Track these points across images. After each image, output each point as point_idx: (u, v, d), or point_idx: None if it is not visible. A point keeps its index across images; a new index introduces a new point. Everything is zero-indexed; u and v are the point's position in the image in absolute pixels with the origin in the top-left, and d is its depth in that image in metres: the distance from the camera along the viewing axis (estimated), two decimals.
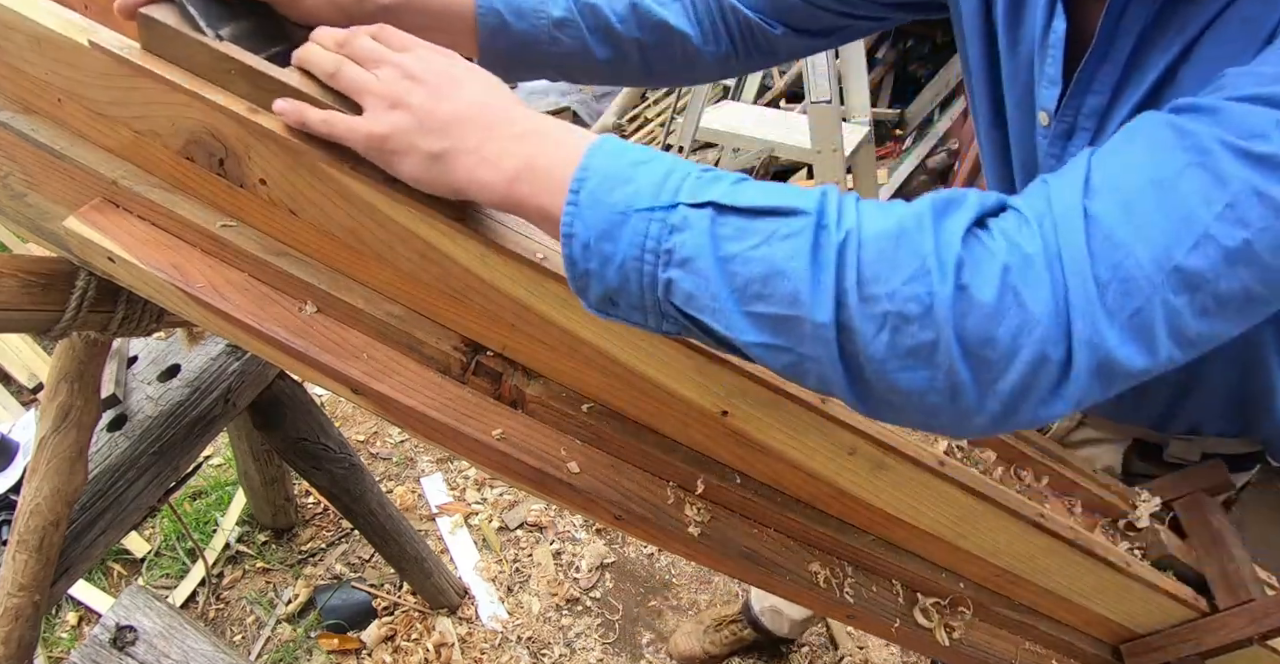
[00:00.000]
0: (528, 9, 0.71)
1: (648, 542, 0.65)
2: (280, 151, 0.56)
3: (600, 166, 0.44)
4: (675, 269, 0.42)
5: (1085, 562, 0.72)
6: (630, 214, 0.42)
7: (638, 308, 0.45)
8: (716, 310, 0.42)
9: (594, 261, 0.44)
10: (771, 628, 1.69)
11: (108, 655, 0.88)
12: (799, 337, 0.41)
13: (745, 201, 0.42)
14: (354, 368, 0.59)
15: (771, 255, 0.41)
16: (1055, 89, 0.65)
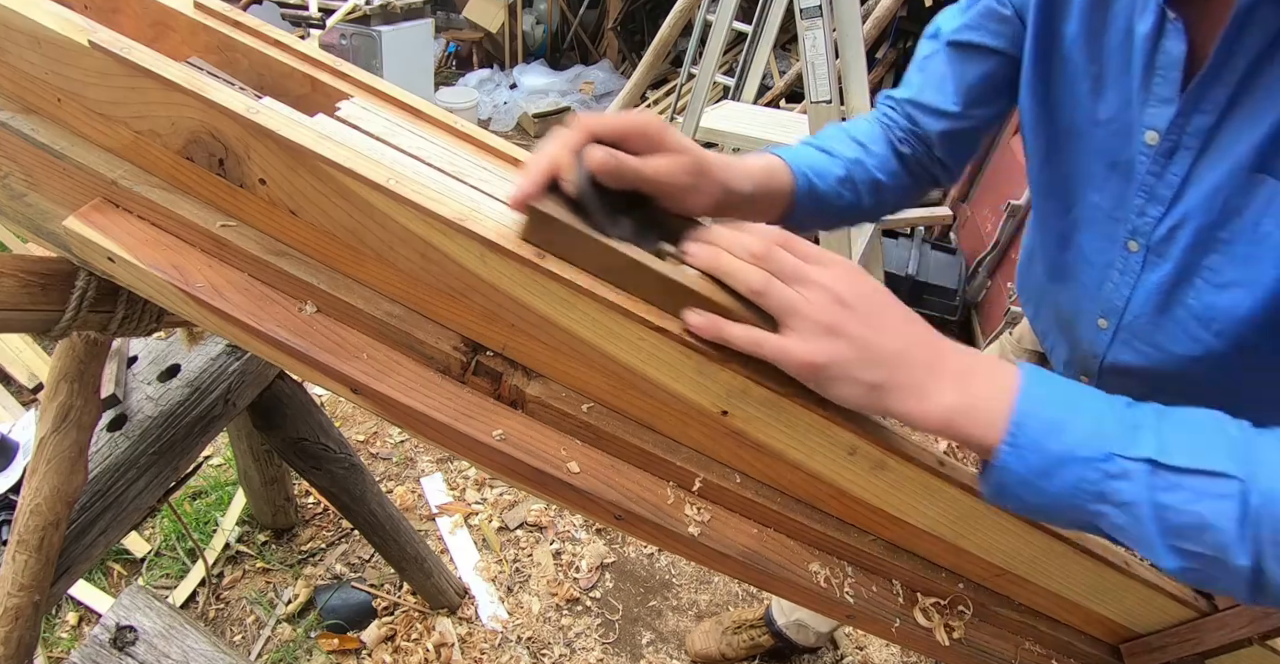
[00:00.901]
0: (822, 170, 0.84)
1: (648, 542, 0.65)
2: (280, 151, 0.56)
3: (1035, 413, 0.50)
4: (1109, 507, 0.49)
5: (1085, 562, 0.72)
6: (1069, 461, 0.49)
7: (1056, 521, 0.55)
8: (1143, 542, 0.50)
9: (1025, 491, 0.51)
10: (797, 641, 1.71)
11: (108, 655, 0.88)
12: (1216, 570, 0.49)
13: (1179, 461, 0.48)
14: (354, 368, 0.59)
15: (1202, 512, 0.48)
16: (1170, 108, 0.66)
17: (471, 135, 0.72)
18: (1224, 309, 0.70)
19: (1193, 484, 0.48)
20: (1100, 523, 0.51)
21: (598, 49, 5.81)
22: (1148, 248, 0.74)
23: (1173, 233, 0.71)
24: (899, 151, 0.92)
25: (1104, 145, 0.75)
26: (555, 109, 4.92)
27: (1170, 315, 0.75)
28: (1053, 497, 0.50)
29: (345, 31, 4.10)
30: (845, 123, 0.95)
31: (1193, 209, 0.68)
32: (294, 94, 0.70)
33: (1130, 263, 0.77)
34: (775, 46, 3.29)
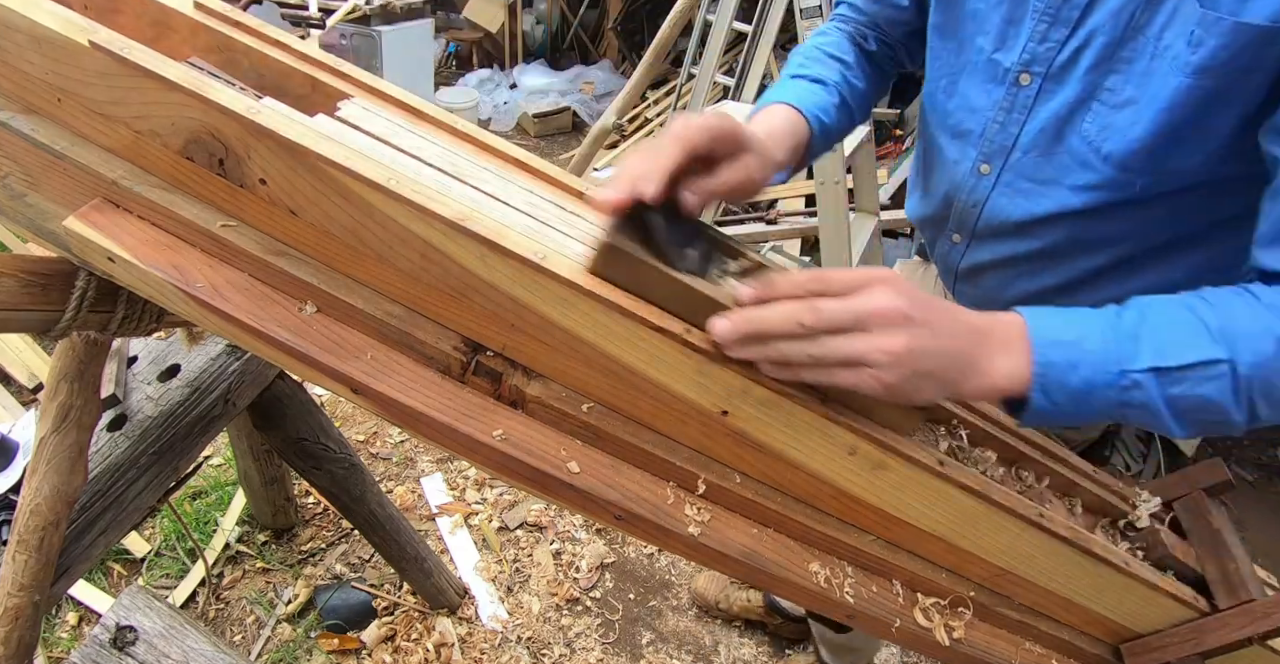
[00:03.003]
0: (826, 105, 0.87)
1: (648, 542, 0.64)
2: (280, 151, 0.56)
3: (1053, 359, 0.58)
4: (1130, 409, 0.59)
5: (1085, 562, 0.72)
6: (1093, 390, 0.58)
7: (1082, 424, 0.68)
8: (1157, 422, 0.60)
9: (1059, 419, 0.61)
10: (790, 609, 1.73)
11: (108, 655, 0.88)
12: (1219, 427, 0.61)
13: (1176, 361, 0.58)
14: (354, 368, 0.59)
15: (1205, 392, 0.58)
16: None
17: (471, 135, 0.72)
18: (1119, 128, 0.72)
19: (1193, 376, 0.58)
20: (1121, 418, 0.61)
21: (598, 49, 5.81)
22: (1045, 76, 0.75)
23: (1077, 54, 0.72)
24: (865, 51, 0.95)
25: None
26: (555, 109, 4.92)
27: (1064, 145, 0.77)
28: (1082, 417, 0.60)
29: (345, 31, 4.10)
30: (812, 40, 0.97)
31: (1099, 26, 0.70)
32: (294, 94, 0.70)
33: (1021, 98, 0.78)
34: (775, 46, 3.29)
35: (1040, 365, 0.58)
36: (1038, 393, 0.58)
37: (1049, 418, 0.60)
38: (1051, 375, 0.58)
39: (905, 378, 0.53)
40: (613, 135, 3.84)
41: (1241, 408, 0.58)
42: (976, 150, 0.84)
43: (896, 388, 0.54)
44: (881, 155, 3.82)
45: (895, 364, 0.53)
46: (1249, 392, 0.58)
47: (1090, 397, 0.58)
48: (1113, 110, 0.71)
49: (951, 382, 0.57)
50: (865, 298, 0.53)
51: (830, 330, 0.53)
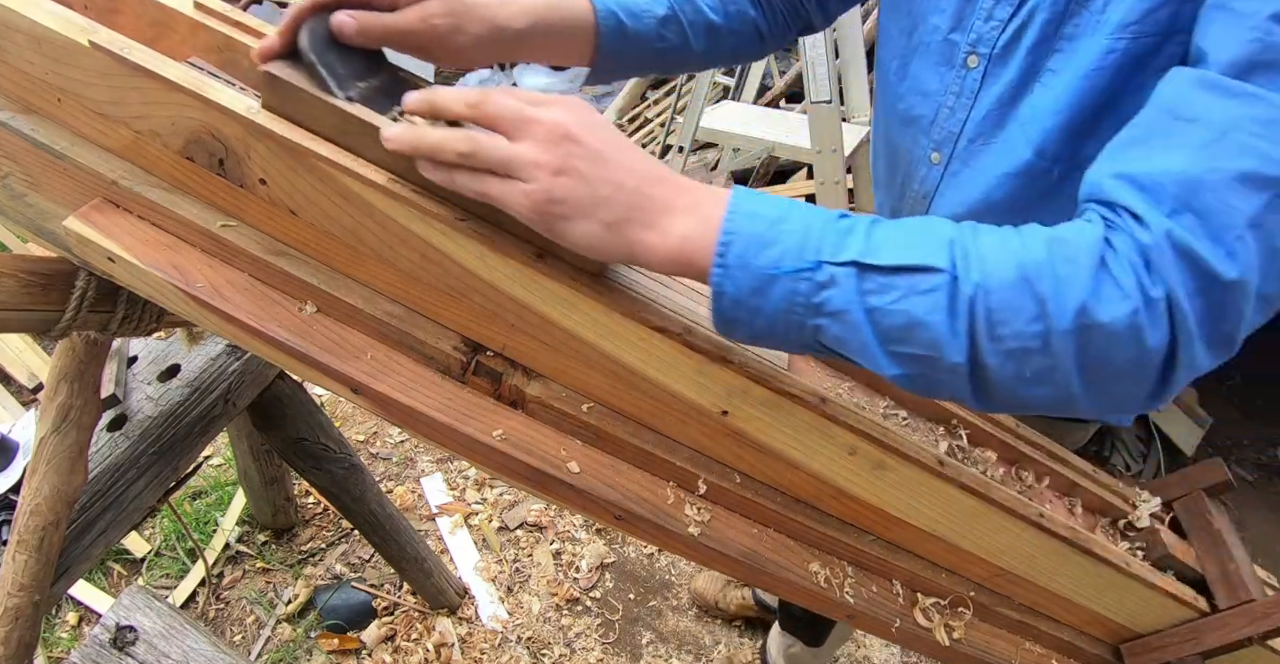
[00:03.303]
0: (639, 9, 0.75)
1: (648, 542, 0.65)
2: (280, 151, 0.56)
3: (743, 230, 0.48)
4: (825, 318, 0.48)
5: (1085, 562, 0.72)
6: (779, 276, 0.47)
7: (783, 343, 0.51)
8: (863, 351, 0.48)
9: (743, 312, 0.49)
10: (770, 604, 1.74)
11: (108, 655, 0.88)
12: (937, 371, 0.48)
13: (885, 260, 0.46)
14: (354, 368, 0.59)
15: (911, 309, 0.46)
16: None
17: None
18: (1044, 107, 0.67)
19: (900, 282, 0.46)
20: (822, 339, 0.49)
21: None
22: (989, 58, 0.71)
23: (1019, 33, 0.68)
24: None
25: None
26: None
27: (1003, 132, 0.72)
28: (770, 316, 0.48)
29: None
30: None
31: (1041, 3, 0.66)
32: None
33: (969, 82, 0.73)
34: None
35: (727, 234, 0.48)
36: (717, 268, 0.48)
37: (732, 312, 0.49)
38: (736, 247, 0.47)
39: (555, 201, 0.48)
40: None
41: (959, 340, 0.46)
42: (927, 138, 0.79)
43: (544, 211, 0.48)
44: None
45: (546, 181, 0.47)
46: (970, 319, 0.46)
47: (775, 287, 0.47)
48: (1047, 91, 0.67)
49: (614, 225, 0.49)
50: (537, 107, 0.49)
51: (490, 124, 0.49)
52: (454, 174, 0.50)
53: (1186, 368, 0.46)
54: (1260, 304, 0.46)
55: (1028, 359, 0.46)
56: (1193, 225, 0.44)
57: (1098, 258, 0.45)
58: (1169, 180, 0.46)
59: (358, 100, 0.54)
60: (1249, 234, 0.44)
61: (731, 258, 0.47)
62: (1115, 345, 0.44)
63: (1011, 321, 0.45)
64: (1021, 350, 0.45)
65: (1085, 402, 0.48)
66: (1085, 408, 0.49)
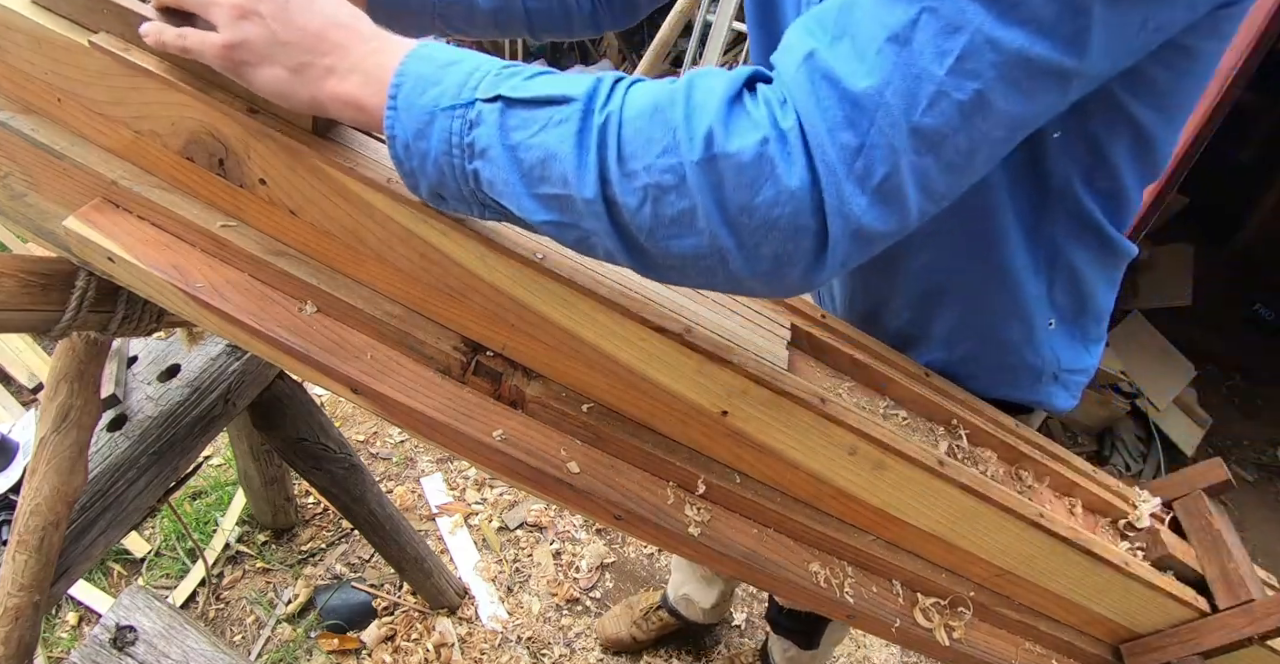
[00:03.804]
0: None
1: (648, 542, 0.64)
2: (280, 151, 0.56)
3: (414, 70, 0.47)
4: (478, 160, 0.46)
5: (1085, 562, 0.72)
6: (436, 113, 0.46)
7: (460, 199, 0.49)
8: (510, 194, 0.46)
9: (414, 160, 0.48)
10: (688, 616, 1.71)
11: (108, 655, 0.88)
12: (577, 213, 0.45)
13: (528, 93, 0.45)
14: (354, 368, 0.59)
15: (546, 141, 0.44)
16: None
17: None
18: None
19: (539, 115, 0.45)
20: (481, 186, 0.47)
21: (598, 49, 5.81)
22: None
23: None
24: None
25: None
26: None
27: None
28: (435, 161, 0.47)
29: None
30: None
31: None
32: None
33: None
34: None
35: (400, 75, 0.47)
36: (389, 111, 0.47)
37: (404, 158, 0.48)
38: (406, 87, 0.47)
39: (238, 45, 0.48)
40: None
41: (587, 172, 0.43)
42: None
43: (230, 57, 0.48)
44: None
45: (231, 27, 0.48)
46: (600, 150, 0.43)
47: (433, 127, 0.46)
48: None
49: (302, 71, 0.49)
50: None
51: None
52: (163, 33, 0.50)
53: (841, 218, 0.41)
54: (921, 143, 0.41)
55: (664, 198, 0.42)
56: (842, 50, 0.41)
57: (733, 92, 0.43)
58: (824, 12, 0.44)
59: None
60: (888, 47, 0.40)
61: (401, 99, 0.47)
62: (750, 181, 0.41)
63: (642, 154, 0.42)
64: (656, 187, 0.42)
65: (741, 260, 0.43)
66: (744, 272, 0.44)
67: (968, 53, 0.40)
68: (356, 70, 0.49)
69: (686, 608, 1.69)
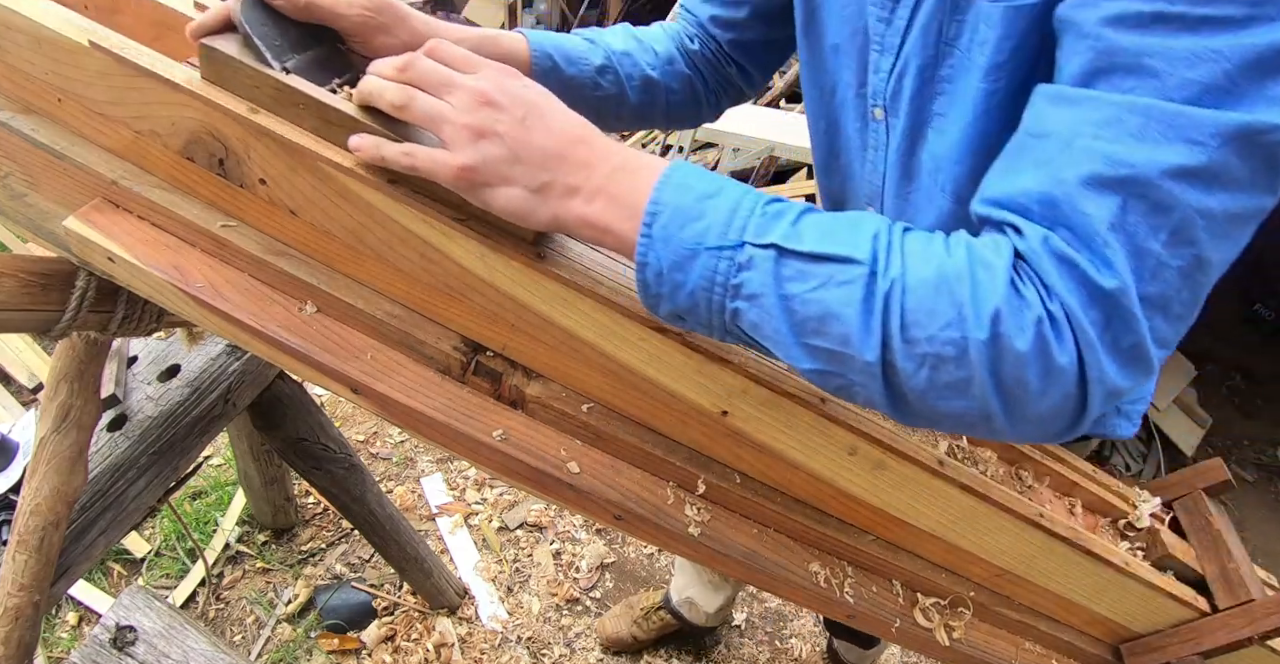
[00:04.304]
0: (575, 55, 0.76)
1: (648, 542, 0.65)
2: (280, 151, 0.56)
3: (671, 201, 0.47)
4: (742, 301, 0.47)
5: (1085, 562, 0.72)
6: (700, 251, 0.47)
7: (704, 325, 0.50)
8: (777, 340, 0.47)
9: (665, 287, 0.48)
10: (690, 618, 1.70)
11: (108, 655, 0.88)
12: (848, 368, 0.47)
13: (805, 246, 0.46)
14: (354, 368, 0.59)
15: (826, 299, 0.45)
16: None
17: None
18: (944, 155, 0.66)
19: (818, 271, 0.45)
20: (740, 324, 0.48)
21: None
22: (887, 109, 0.69)
23: (900, 83, 0.66)
24: (686, 48, 0.86)
25: (848, 10, 0.70)
26: None
27: (915, 182, 0.71)
28: (691, 293, 0.48)
29: None
30: None
31: (913, 49, 0.64)
32: None
33: (879, 135, 0.72)
34: None
35: (655, 203, 0.47)
36: (643, 238, 0.47)
37: (655, 286, 0.49)
38: (663, 218, 0.47)
39: (477, 167, 0.48)
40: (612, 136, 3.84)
41: (871, 338, 0.45)
42: (861, 194, 0.79)
43: (468, 178, 0.48)
44: None
45: (469, 148, 0.48)
46: (884, 316, 0.44)
47: (696, 263, 0.47)
48: (942, 136, 0.65)
49: (543, 191, 0.49)
50: (469, 74, 0.50)
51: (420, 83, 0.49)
52: (382, 147, 0.50)
53: (1099, 385, 0.45)
54: (1150, 309, 0.45)
55: (943, 366, 0.44)
56: (1067, 238, 0.44)
57: (1011, 272, 0.45)
58: (1031, 200, 0.46)
59: (294, 71, 0.54)
60: (1112, 238, 0.43)
61: (657, 228, 0.47)
62: (1028, 360, 0.43)
63: (927, 324, 0.44)
64: (936, 356, 0.44)
65: (1006, 422, 0.46)
66: (1008, 430, 0.47)
67: (1180, 226, 0.43)
68: (602, 192, 0.49)
69: (689, 611, 1.69)
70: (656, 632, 1.77)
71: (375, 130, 0.52)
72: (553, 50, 0.74)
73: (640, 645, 1.79)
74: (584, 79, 0.77)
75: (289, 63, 0.55)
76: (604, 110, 0.82)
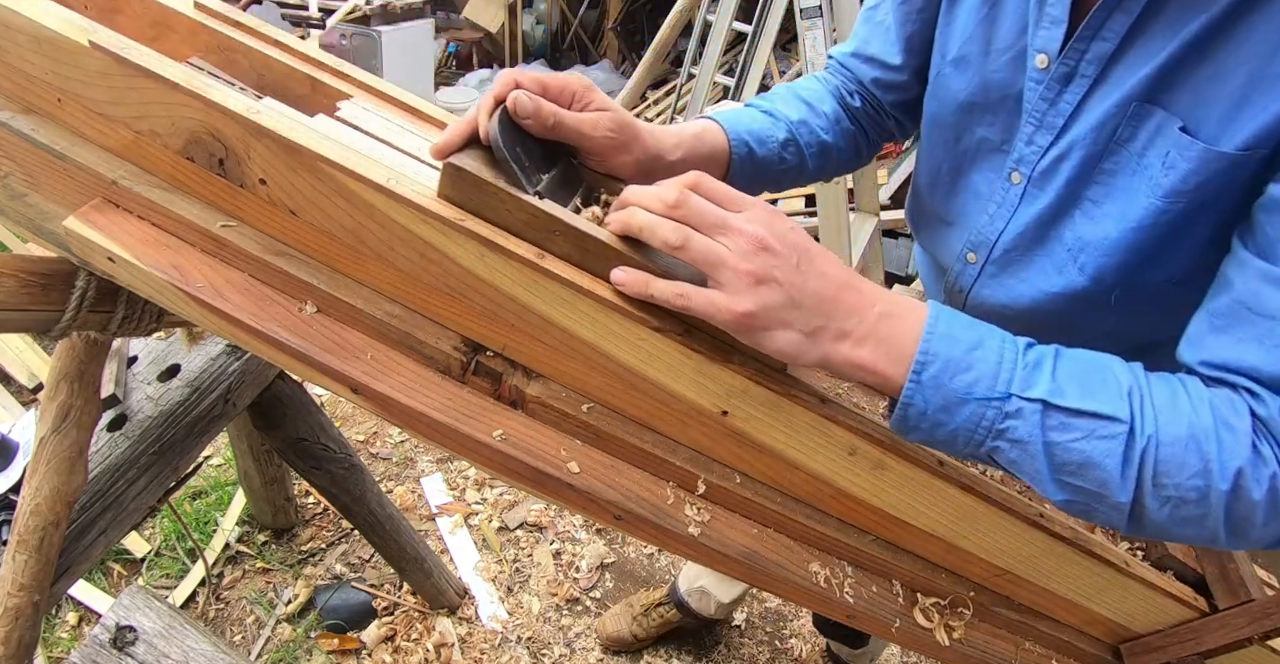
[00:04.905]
0: (764, 135, 0.81)
1: (648, 542, 0.65)
2: (281, 151, 0.56)
3: (941, 352, 0.52)
4: (1004, 442, 0.53)
5: (1085, 562, 0.72)
6: (970, 400, 0.52)
7: (953, 452, 0.56)
8: (1034, 476, 0.54)
9: (926, 424, 0.54)
10: (698, 609, 1.70)
11: (108, 655, 0.88)
12: (1100, 503, 0.54)
13: (1070, 402, 0.52)
14: (354, 368, 0.59)
15: (1089, 450, 0.52)
16: (1059, 29, 0.66)
17: None
18: (1093, 241, 0.69)
19: (1081, 425, 0.51)
20: (996, 457, 0.54)
21: (598, 49, 5.81)
22: (1029, 179, 0.73)
23: (1058, 163, 0.70)
24: (848, 106, 0.90)
25: (997, 75, 0.73)
26: None
27: (1044, 249, 0.75)
28: (952, 432, 0.53)
29: (345, 31, 4.10)
30: (795, 82, 0.92)
31: (1080, 138, 0.67)
32: (294, 94, 0.70)
33: (1010, 196, 0.76)
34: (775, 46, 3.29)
35: (924, 354, 0.52)
36: (911, 384, 0.52)
37: (915, 421, 0.54)
38: (932, 368, 0.52)
39: (756, 313, 0.50)
40: None
41: (1127, 485, 0.51)
42: (965, 238, 0.82)
43: (747, 323, 0.50)
44: (881, 155, 3.82)
45: (748, 292, 0.50)
46: (1140, 468, 0.51)
47: (963, 409, 0.52)
48: (1091, 222, 0.69)
49: (815, 335, 0.52)
50: (739, 214, 0.52)
51: (693, 222, 0.51)
52: (651, 285, 0.53)
53: None
54: None
55: (1184, 506, 0.52)
56: None
57: (1252, 434, 0.51)
58: (1263, 375, 0.52)
59: (544, 194, 0.55)
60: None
61: (926, 377, 0.52)
62: (1260, 507, 0.50)
63: (1176, 475, 0.51)
64: (1180, 499, 0.51)
65: (1227, 543, 0.53)
66: (1227, 547, 0.55)
67: None
68: (871, 337, 0.53)
69: (699, 601, 1.69)
70: (657, 629, 1.77)
71: (638, 263, 0.54)
72: (746, 136, 0.79)
73: (640, 644, 1.79)
74: (772, 157, 0.82)
75: (539, 186, 0.55)
76: (784, 181, 0.87)
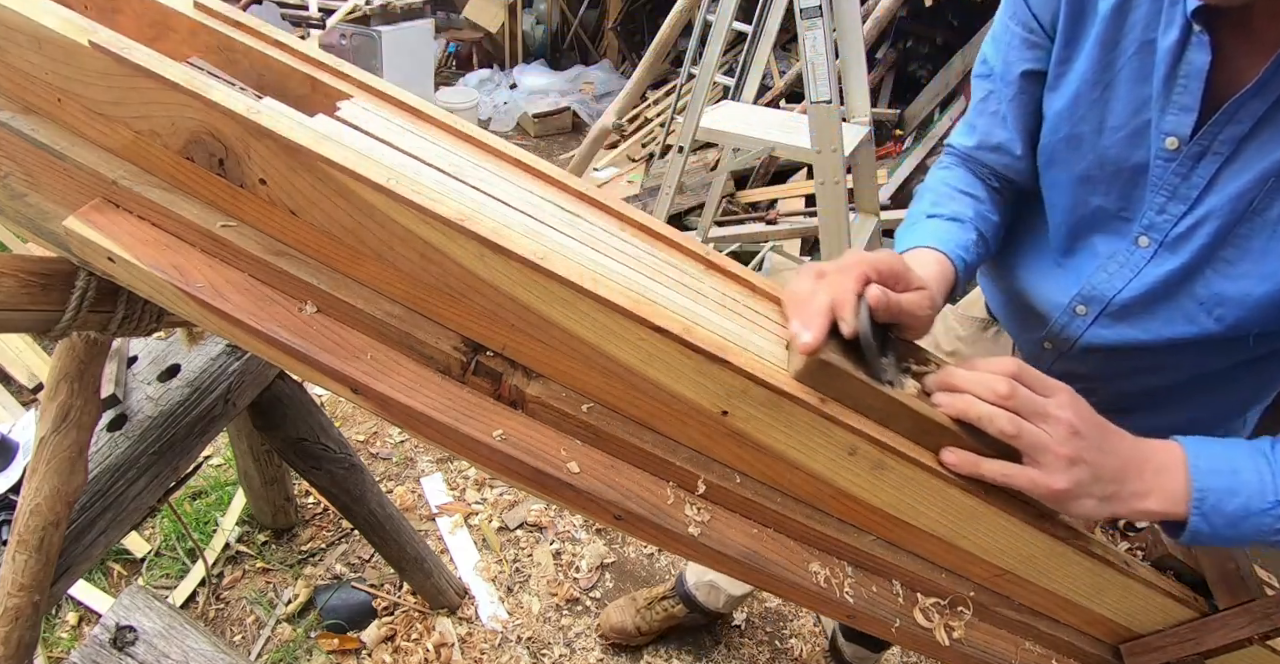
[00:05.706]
0: (966, 243, 0.88)
1: (648, 542, 0.64)
2: (280, 151, 0.56)
3: (1213, 486, 0.65)
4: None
5: (1085, 562, 0.72)
6: (1249, 516, 0.64)
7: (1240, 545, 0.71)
8: None
9: (1215, 541, 0.66)
10: (705, 603, 1.70)
11: (108, 655, 0.89)
12: None
13: None
14: (354, 368, 0.59)
15: None
16: (1189, 116, 0.71)
17: (471, 135, 0.72)
18: (1232, 297, 0.75)
19: None
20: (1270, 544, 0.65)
21: (598, 49, 5.81)
22: (1161, 244, 0.77)
23: (1192, 230, 0.74)
24: (992, 188, 0.95)
25: (1113, 151, 0.78)
26: (555, 109, 4.92)
27: (1171, 302, 0.79)
28: (1236, 539, 0.66)
29: (345, 31, 4.10)
30: (937, 175, 0.97)
31: (1216, 208, 0.72)
32: (294, 94, 0.70)
33: (1135, 257, 0.80)
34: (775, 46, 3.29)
35: (1199, 492, 0.64)
36: (1196, 516, 0.64)
37: (1206, 539, 0.66)
38: (1209, 501, 0.64)
39: (1068, 489, 0.60)
40: (612, 135, 3.84)
41: None
42: (1075, 291, 0.86)
43: (1063, 496, 0.61)
44: (881, 155, 3.82)
45: (1063, 473, 0.60)
46: None
47: (1245, 522, 0.64)
48: (1226, 280, 0.74)
49: (1110, 498, 0.63)
50: (1054, 402, 0.62)
51: (1021, 412, 0.60)
52: (980, 465, 0.62)
53: None
54: None
55: None
56: None
57: None
58: None
59: (892, 380, 0.62)
60: None
61: (1207, 507, 0.64)
62: None
63: None
64: None
65: None
66: None
67: None
68: (1152, 492, 0.65)
69: (707, 594, 1.69)
70: (660, 623, 1.77)
71: (969, 446, 0.63)
72: (960, 251, 0.86)
73: (642, 638, 1.79)
74: (976, 259, 0.89)
75: (888, 374, 0.62)
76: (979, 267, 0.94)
